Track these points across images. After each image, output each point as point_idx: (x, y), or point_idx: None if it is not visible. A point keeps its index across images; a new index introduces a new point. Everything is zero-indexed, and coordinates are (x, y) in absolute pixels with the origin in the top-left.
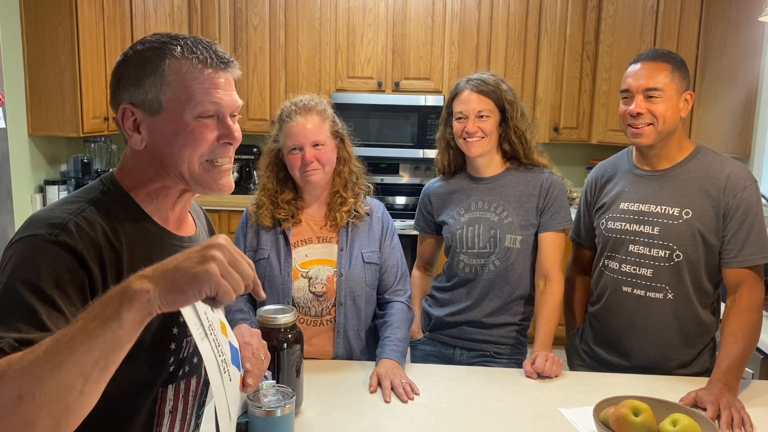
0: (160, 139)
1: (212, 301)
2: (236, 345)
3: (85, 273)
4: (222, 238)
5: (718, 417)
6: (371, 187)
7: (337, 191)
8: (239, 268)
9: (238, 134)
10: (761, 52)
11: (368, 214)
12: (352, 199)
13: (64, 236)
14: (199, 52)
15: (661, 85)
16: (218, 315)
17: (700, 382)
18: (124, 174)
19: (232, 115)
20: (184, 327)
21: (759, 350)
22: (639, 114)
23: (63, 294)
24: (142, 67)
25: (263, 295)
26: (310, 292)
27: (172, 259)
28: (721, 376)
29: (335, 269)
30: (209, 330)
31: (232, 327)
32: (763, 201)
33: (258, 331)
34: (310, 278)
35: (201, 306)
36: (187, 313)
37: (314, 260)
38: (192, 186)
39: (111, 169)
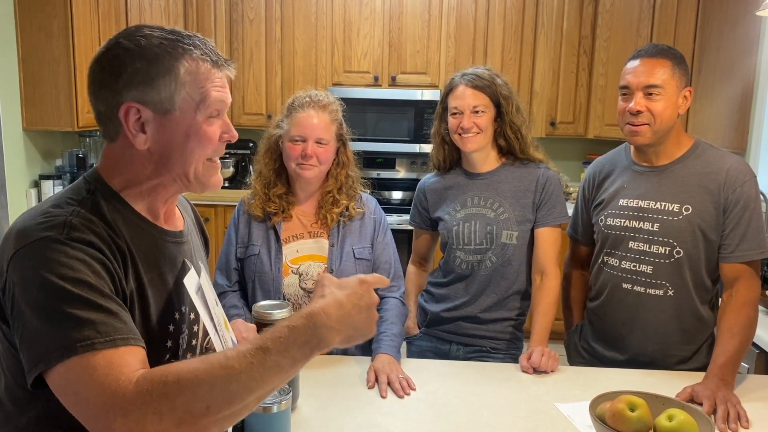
0: (171, 140)
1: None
2: (236, 341)
3: (108, 261)
4: (375, 297)
5: (714, 412)
6: (368, 191)
7: (330, 191)
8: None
9: (235, 132)
10: (758, 46)
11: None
12: (345, 201)
13: (76, 233)
14: (209, 53)
15: (660, 82)
16: (221, 311)
17: (697, 377)
18: (113, 173)
19: None
20: (180, 323)
21: (755, 345)
22: (638, 112)
23: (103, 282)
24: (151, 64)
25: None
26: (301, 288)
27: (349, 313)
28: (717, 371)
29: (326, 265)
30: (218, 326)
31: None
32: (761, 197)
33: (253, 327)
34: (300, 274)
35: (211, 302)
36: (201, 311)
37: (305, 256)
38: (193, 185)
39: (93, 165)
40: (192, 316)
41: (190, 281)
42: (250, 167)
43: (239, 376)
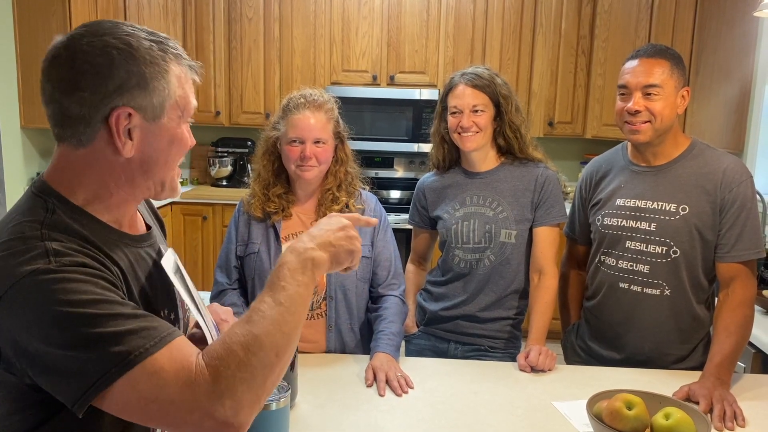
0: (156, 146)
1: (347, 269)
2: (215, 323)
3: (106, 275)
4: (345, 220)
5: (711, 410)
6: (367, 188)
7: (330, 189)
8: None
9: (193, 138)
10: (755, 47)
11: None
12: (344, 198)
13: (65, 258)
14: (187, 57)
15: (659, 82)
16: (199, 295)
17: (693, 376)
18: (74, 186)
19: None
20: (166, 316)
21: (751, 344)
22: (637, 111)
23: (114, 294)
24: (147, 67)
25: None
26: None
27: (320, 234)
28: (713, 370)
29: None
30: (202, 309)
31: None
32: (758, 197)
33: (229, 309)
34: None
35: (191, 285)
36: (181, 290)
37: None
38: (165, 192)
39: (40, 176)
40: (172, 316)
41: (167, 262)
42: (248, 166)
43: (283, 316)
